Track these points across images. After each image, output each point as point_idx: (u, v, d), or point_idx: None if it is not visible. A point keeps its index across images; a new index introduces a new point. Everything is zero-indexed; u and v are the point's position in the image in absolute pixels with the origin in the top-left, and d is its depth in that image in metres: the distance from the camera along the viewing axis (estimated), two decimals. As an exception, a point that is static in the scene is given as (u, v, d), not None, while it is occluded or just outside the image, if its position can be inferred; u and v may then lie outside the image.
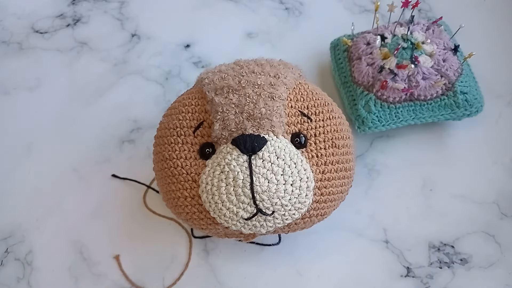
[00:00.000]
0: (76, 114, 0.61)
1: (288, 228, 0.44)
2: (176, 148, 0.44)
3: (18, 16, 0.69)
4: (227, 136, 0.42)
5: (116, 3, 0.70)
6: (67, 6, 0.70)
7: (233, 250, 0.52)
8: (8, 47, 0.67)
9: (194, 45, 0.66)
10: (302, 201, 0.41)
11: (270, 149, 0.41)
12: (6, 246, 0.53)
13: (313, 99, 0.45)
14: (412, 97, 0.53)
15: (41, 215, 0.55)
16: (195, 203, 0.42)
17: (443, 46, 0.54)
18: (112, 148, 0.58)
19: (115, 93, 0.62)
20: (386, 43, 0.54)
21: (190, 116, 0.44)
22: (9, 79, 0.64)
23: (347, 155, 0.45)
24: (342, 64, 0.57)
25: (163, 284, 0.51)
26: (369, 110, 0.53)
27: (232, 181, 0.40)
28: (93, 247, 0.53)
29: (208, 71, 0.47)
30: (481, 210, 0.53)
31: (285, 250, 0.52)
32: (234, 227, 0.42)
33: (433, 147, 0.57)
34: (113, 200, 0.55)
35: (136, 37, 0.67)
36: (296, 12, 0.68)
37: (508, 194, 0.54)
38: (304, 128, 0.44)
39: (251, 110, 0.41)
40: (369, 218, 0.53)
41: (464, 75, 0.54)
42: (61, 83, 0.63)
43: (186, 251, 0.52)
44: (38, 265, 0.52)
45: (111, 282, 0.51)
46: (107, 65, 0.65)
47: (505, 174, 0.55)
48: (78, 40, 0.67)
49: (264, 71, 0.44)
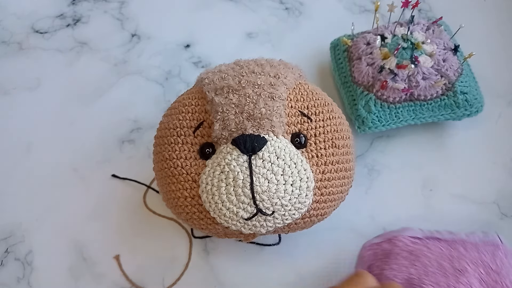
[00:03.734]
0: (76, 114, 0.61)
1: (288, 228, 0.44)
2: (176, 148, 0.44)
3: (18, 16, 0.69)
4: (227, 136, 0.42)
5: (116, 3, 0.70)
6: (67, 6, 0.70)
7: (233, 250, 0.52)
8: (8, 47, 0.67)
9: (194, 45, 0.66)
10: (302, 201, 0.41)
11: (270, 149, 0.41)
12: (6, 246, 0.53)
13: (313, 99, 0.45)
14: (412, 97, 0.53)
15: (41, 215, 0.55)
16: (195, 203, 0.42)
17: (443, 46, 0.54)
18: (112, 148, 0.58)
19: (115, 93, 0.62)
20: (386, 43, 0.54)
21: (190, 116, 0.44)
22: (9, 79, 0.64)
23: (347, 155, 0.45)
24: (342, 64, 0.57)
25: (163, 284, 0.51)
26: (369, 110, 0.53)
27: (232, 181, 0.40)
28: (93, 247, 0.53)
29: (208, 71, 0.47)
30: (481, 210, 0.53)
31: (285, 250, 0.52)
32: (234, 227, 0.42)
33: (433, 147, 0.57)
34: (113, 200, 0.55)
35: (136, 37, 0.67)
36: (296, 12, 0.68)
37: (508, 194, 0.54)
38: (304, 128, 0.44)
39: (251, 110, 0.41)
40: (369, 218, 0.53)
41: (464, 75, 0.54)
42: (61, 83, 0.63)
43: (186, 251, 0.52)
44: (38, 265, 0.52)
45: (111, 282, 0.51)
46: (107, 65, 0.65)
47: (505, 174, 0.55)
48: (78, 40, 0.67)
49: (264, 71, 0.44)
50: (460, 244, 0.45)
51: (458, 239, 0.45)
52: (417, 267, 0.43)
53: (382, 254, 0.46)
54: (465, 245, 0.44)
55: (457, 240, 0.45)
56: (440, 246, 0.45)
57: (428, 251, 0.44)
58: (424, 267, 0.43)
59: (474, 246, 0.44)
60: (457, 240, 0.45)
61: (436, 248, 0.45)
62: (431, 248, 0.44)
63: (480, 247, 0.44)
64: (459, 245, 0.44)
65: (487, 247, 0.44)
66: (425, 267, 0.43)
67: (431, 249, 0.44)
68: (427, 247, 0.45)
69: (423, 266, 0.43)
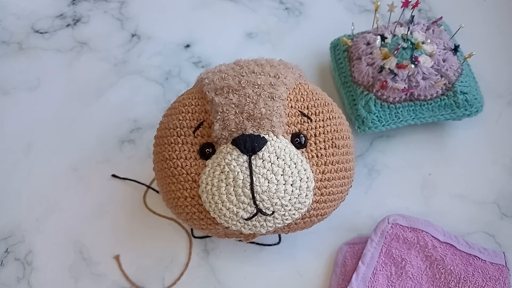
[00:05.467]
0: (76, 114, 0.61)
1: (288, 228, 0.44)
2: (176, 148, 0.44)
3: (18, 16, 0.69)
4: (227, 136, 0.42)
5: (116, 3, 0.70)
6: (67, 6, 0.70)
7: (233, 250, 0.52)
8: (8, 47, 0.67)
9: (194, 45, 0.66)
10: (302, 201, 0.41)
11: (270, 149, 0.41)
12: (6, 246, 0.53)
13: (313, 99, 0.45)
14: (412, 97, 0.53)
15: (41, 215, 0.55)
16: (195, 203, 0.42)
17: (443, 46, 0.54)
18: (112, 148, 0.58)
19: (115, 93, 0.62)
20: (386, 43, 0.54)
21: (190, 116, 0.44)
22: (9, 79, 0.64)
23: (347, 155, 0.45)
24: (342, 64, 0.57)
25: (163, 284, 0.51)
26: (369, 110, 0.53)
27: (232, 181, 0.40)
28: (93, 247, 0.53)
29: (208, 71, 0.47)
30: (481, 210, 0.53)
31: (285, 250, 0.52)
32: (234, 227, 0.42)
33: (433, 147, 0.57)
34: (113, 200, 0.55)
35: (136, 37, 0.67)
36: (296, 12, 0.68)
37: (508, 194, 0.54)
38: (304, 128, 0.44)
39: (251, 110, 0.41)
40: (369, 218, 0.53)
41: (464, 75, 0.54)
42: (61, 83, 0.63)
43: (186, 251, 0.52)
44: (38, 265, 0.52)
45: (111, 282, 0.51)
46: (107, 65, 0.65)
47: (505, 174, 0.55)
48: (78, 40, 0.67)
49: (264, 71, 0.44)
50: (472, 263, 0.48)
51: (472, 256, 0.49)
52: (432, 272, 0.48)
53: (403, 241, 0.49)
54: (475, 266, 0.48)
55: (470, 257, 0.49)
56: (453, 259, 0.49)
57: (442, 262, 0.48)
58: (433, 274, 0.48)
59: (482, 270, 0.48)
60: (470, 256, 0.49)
61: (450, 260, 0.48)
62: (446, 260, 0.48)
63: (488, 271, 0.48)
64: (470, 265, 0.48)
65: (494, 272, 0.48)
66: (434, 275, 0.48)
67: (445, 261, 0.48)
68: (444, 256, 0.49)
69: (432, 274, 0.48)
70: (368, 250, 0.49)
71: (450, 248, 0.49)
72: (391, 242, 0.49)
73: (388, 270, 0.48)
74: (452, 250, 0.49)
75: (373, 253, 0.49)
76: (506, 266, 0.48)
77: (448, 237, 0.50)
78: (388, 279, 0.48)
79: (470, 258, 0.48)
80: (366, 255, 0.49)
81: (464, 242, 0.49)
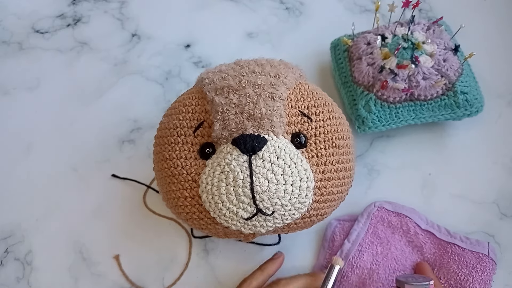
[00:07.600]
0: (76, 114, 0.61)
1: (288, 228, 0.44)
2: (176, 148, 0.43)
3: (18, 16, 0.69)
4: (227, 136, 0.42)
5: (116, 3, 0.70)
6: (67, 6, 0.70)
7: (233, 250, 0.52)
8: (8, 47, 0.67)
9: (194, 45, 0.66)
10: (302, 201, 0.41)
11: (270, 149, 0.41)
12: (6, 246, 0.53)
13: (313, 99, 0.45)
14: (412, 97, 0.53)
15: (41, 215, 0.55)
16: (195, 203, 0.42)
17: (443, 46, 0.54)
18: (112, 148, 0.58)
19: (115, 93, 0.62)
20: (386, 43, 0.54)
21: (190, 116, 0.44)
22: (9, 79, 0.64)
23: (347, 155, 0.45)
24: (342, 64, 0.57)
25: (163, 284, 0.51)
26: (369, 110, 0.53)
27: (232, 181, 0.40)
28: (93, 247, 0.53)
29: (209, 71, 0.47)
30: (481, 210, 0.53)
31: (285, 250, 0.52)
32: (234, 227, 0.42)
33: (433, 147, 0.57)
34: (113, 200, 0.55)
35: (136, 37, 0.67)
36: (296, 12, 0.68)
37: (508, 194, 0.54)
38: (304, 128, 0.44)
39: (251, 110, 0.41)
40: (369, 218, 0.53)
41: (464, 75, 0.54)
42: (61, 83, 0.63)
43: (186, 251, 0.52)
44: (38, 265, 0.52)
45: (111, 282, 0.51)
46: (107, 65, 0.65)
47: (505, 174, 0.55)
48: (78, 40, 0.67)
49: (265, 71, 0.44)
50: (448, 251, 0.50)
51: (451, 244, 0.50)
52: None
53: (388, 224, 0.51)
54: (452, 253, 0.50)
55: (449, 245, 0.50)
56: (432, 247, 0.50)
57: (422, 249, 0.51)
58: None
59: (458, 257, 0.49)
60: (449, 244, 0.50)
61: (428, 249, 0.50)
62: (425, 248, 0.50)
63: (465, 259, 0.49)
64: (447, 253, 0.50)
65: (471, 260, 0.49)
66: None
67: (424, 249, 0.50)
68: (424, 244, 0.51)
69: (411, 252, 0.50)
70: (354, 229, 0.51)
71: (430, 236, 0.51)
72: (377, 225, 0.51)
73: (374, 249, 0.50)
74: (432, 238, 0.50)
75: (359, 232, 0.51)
76: (488, 256, 0.49)
77: (430, 225, 0.51)
78: (374, 257, 0.50)
79: (448, 246, 0.50)
80: (352, 233, 0.51)
81: (446, 231, 0.51)
